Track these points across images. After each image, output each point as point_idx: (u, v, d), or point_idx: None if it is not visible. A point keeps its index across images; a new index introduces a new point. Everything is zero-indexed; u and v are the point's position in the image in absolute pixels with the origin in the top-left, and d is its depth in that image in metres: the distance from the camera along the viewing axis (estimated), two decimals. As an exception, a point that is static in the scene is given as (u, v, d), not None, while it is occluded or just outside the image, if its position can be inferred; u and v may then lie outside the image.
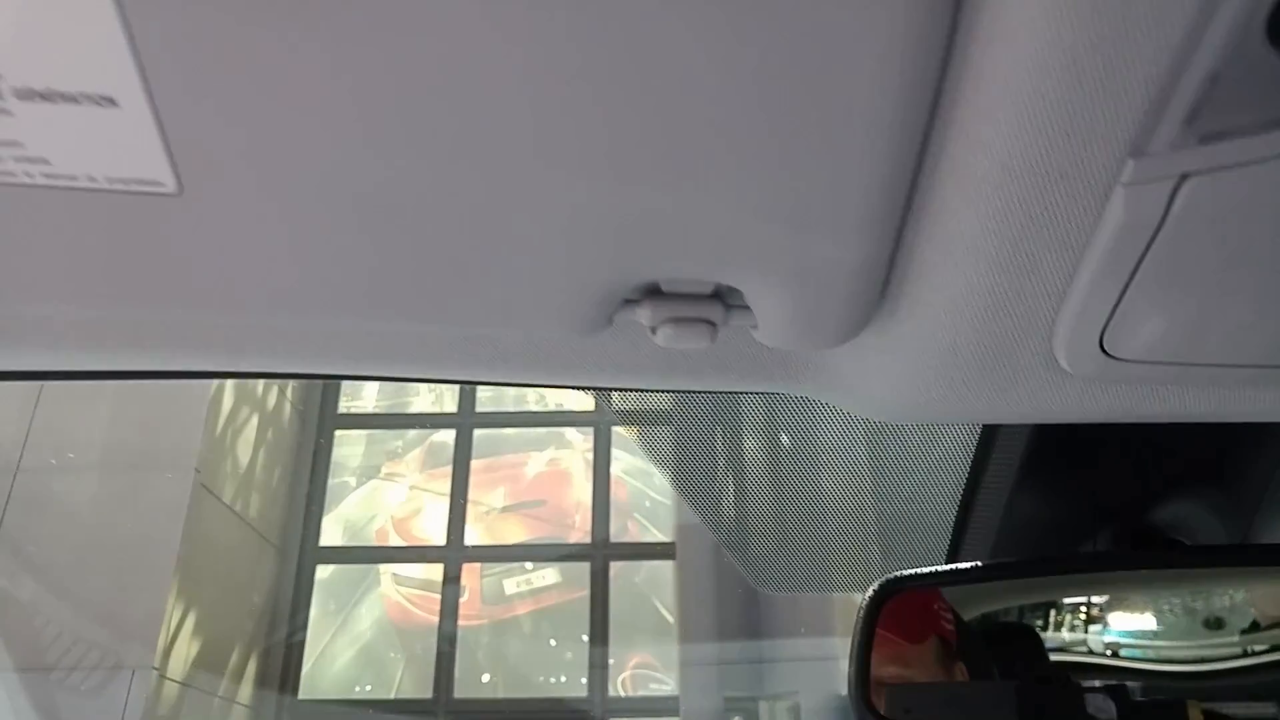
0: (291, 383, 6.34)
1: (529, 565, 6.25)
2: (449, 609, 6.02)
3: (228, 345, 0.61)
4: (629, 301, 0.52)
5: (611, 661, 5.93)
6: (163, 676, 4.78)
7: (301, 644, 5.91)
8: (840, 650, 4.86)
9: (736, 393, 0.69)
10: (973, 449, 0.98)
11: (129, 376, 0.67)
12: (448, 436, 6.63)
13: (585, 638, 5.98)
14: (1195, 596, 0.89)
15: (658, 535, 6.30)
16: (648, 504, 6.50)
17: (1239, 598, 0.88)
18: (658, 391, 0.77)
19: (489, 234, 0.46)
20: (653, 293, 0.52)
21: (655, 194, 0.43)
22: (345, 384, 6.75)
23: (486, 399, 6.80)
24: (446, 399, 6.81)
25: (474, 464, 6.51)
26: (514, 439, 6.82)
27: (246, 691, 5.56)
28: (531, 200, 0.44)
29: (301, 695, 5.80)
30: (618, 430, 6.60)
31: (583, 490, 6.45)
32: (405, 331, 0.59)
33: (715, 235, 0.46)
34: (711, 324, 0.52)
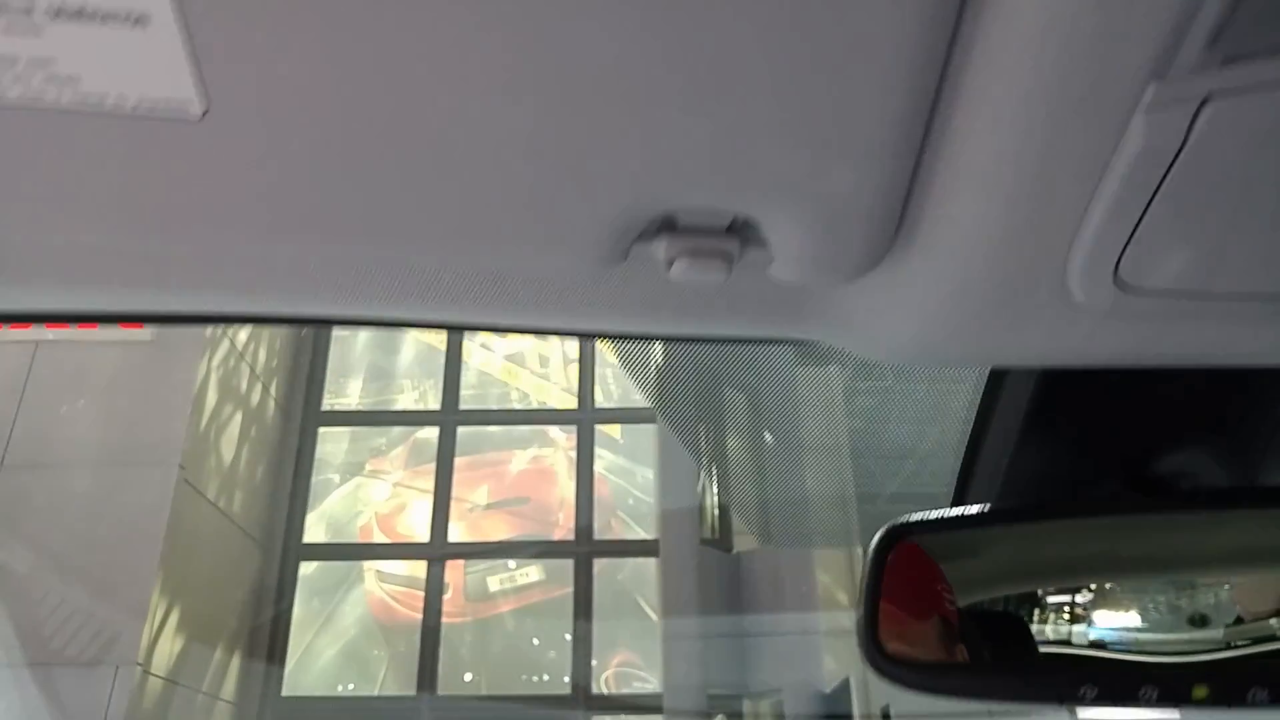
0: (275, 379, 6.32)
1: (512, 563, 6.26)
2: (432, 606, 6.02)
3: (243, 281, 0.60)
4: (645, 235, 0.52)
5: (595, 660, 5.95)
6: (146, 672, 4.76)
7: (285, 641, 5.89)
8: (825, 646, 4.91)
9: (747, 341, 0.68)
10: (978, 400, 0.97)
11: (144, 319, 0.67)
12: (431, 434, 6.62)
13: (568, 635, 6.00)
14: (1183, 590, 0.91)
15: (640, 532, 6.32)
16: (630, 501, 6.52)
17: (1224, 595, 0.91)
18: (669, 339, 0.76)
19: (510, 160, 0.46)
20: (669, 227, 0.52)
21: (672, 118, 0.43)
22: (329, 381, 6.73)
23: (470, 397, 6.79)
24: (430, 397, 6.80)
25: (457, 461, 6.50)
26: (497, 437, 6.82)
27: (230, 688, 5.54)
28: (551, 126, 0.44)
29: (285, 692, 5.78)
30: (601, 428, 6.62)
31: (566, 488, 6.45)
32: (420, 268, 0.59)
33: (733, 161, 0.46)
34: (727, 256, 0.52)
